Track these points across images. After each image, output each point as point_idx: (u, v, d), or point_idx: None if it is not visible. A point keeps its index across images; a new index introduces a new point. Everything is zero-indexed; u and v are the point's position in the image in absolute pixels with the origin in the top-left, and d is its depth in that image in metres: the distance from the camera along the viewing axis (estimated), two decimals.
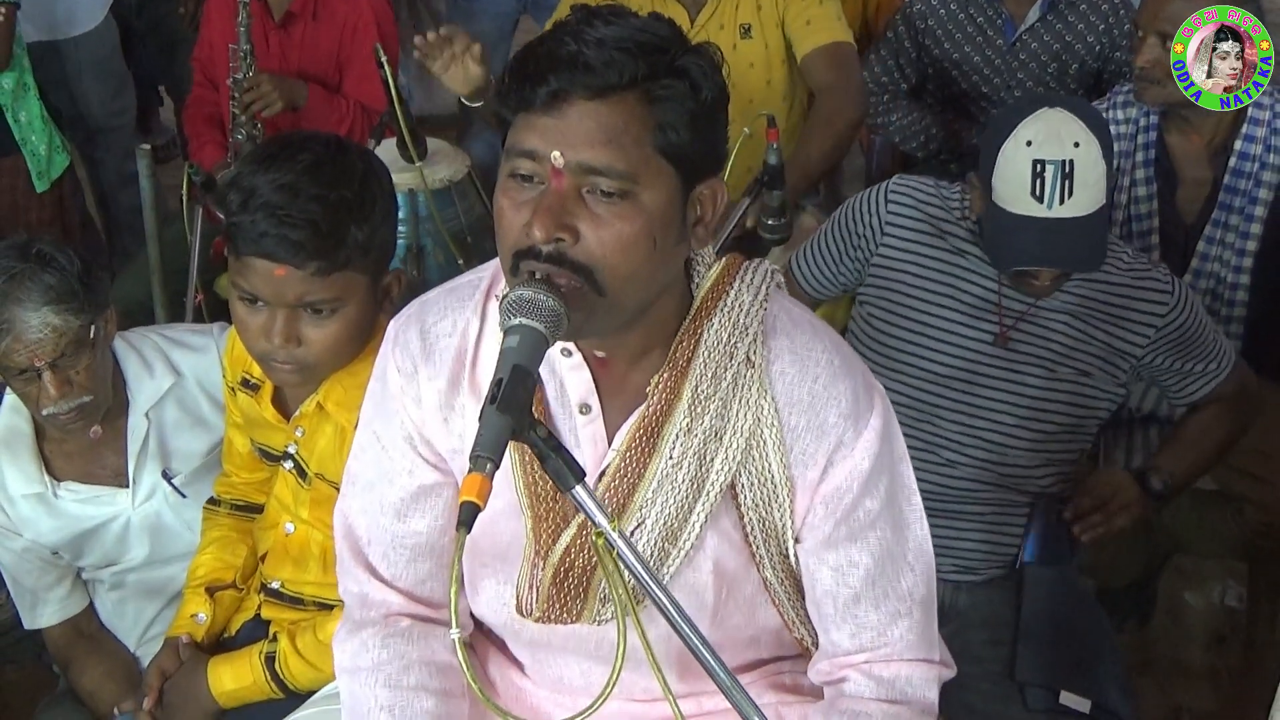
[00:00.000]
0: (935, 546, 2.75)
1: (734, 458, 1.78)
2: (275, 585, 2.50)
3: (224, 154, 3.99)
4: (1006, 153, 2.62)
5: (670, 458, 1.77)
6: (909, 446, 1.95)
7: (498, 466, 1.51)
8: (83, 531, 2.66)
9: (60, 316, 2.40)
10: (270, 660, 2.38)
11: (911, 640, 1.89)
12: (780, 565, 1.88)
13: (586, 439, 1.82)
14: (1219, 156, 3.23)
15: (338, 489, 2.25)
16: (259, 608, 2.54)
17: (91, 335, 2.47)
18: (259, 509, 2.62)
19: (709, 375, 1.76)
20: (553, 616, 1.87)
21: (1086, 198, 2.58)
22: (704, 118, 1.64)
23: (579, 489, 1.58)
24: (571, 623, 1.88)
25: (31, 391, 2.47)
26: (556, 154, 1.59)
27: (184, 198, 3.66)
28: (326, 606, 2.42)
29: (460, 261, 3.48)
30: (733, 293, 1.78)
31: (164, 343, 2.71)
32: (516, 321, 1.59)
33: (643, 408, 1.79)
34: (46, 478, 2.63)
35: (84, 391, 2.48)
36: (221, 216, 3.45)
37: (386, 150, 3.42)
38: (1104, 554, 3.26)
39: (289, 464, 2.45)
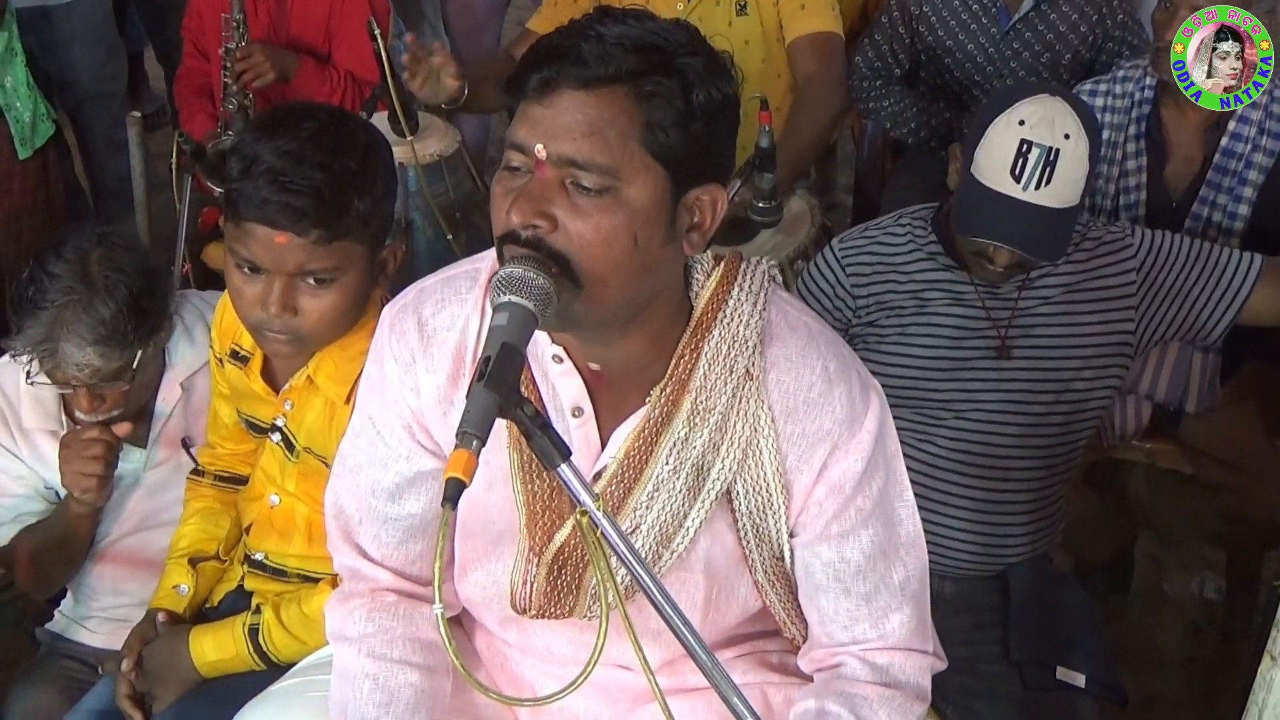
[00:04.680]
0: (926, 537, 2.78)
1: (730, 468, 1.80)
2: (259, 557, 2.50)
3: (214, 124, 3.98)
4: (997, 126, 2.63)
5: (667, 464, 1.80)
6: (905, 454, 1.97)
7: (484, 443, 1.51)
8: None
9: (102, 358, 2.41)
10: (254, 632, 2.38)
11: (904, 634, 1.92)
12: (773, 568, 1.91)
13: (579, 441, 1.83)
14: (1212, 134, 3.24)
15: (325, 463, 2.29)
16: (242, 579, 2.54)
17: (135, 363, 2.48)
18: (243, 480, 2.62)
19: (709, 387, 1.78)
20: (546, 613, 1.90)
21: (1062, 191, 2.59)
22: (700, 121, 1.63)
23: (565, 467, 1.58)
24: (564, 618, 1.90)
25: (67, 394, 2.53)
26: (539, 146, 1.60)
27: (173, 167, 3.66)
28: (310, 579, 2.43)
29: (449, 236, 3.48)
30: (732, 301, 1.79)
31: (207, 310, 2.69)
32: (505, 299, 1.59)
33: (642, 415, 1.80)
34: (64, 419, 2.64)
35: (117, 406, 2.53)
36: (211, 186, 3.49)
37: (378, 123, 3.42)
38: (1082, 531, 3.31)
39: (276, 437, 2.44)
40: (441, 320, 1.86)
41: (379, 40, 3.41)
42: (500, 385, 1.54)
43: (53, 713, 2.60)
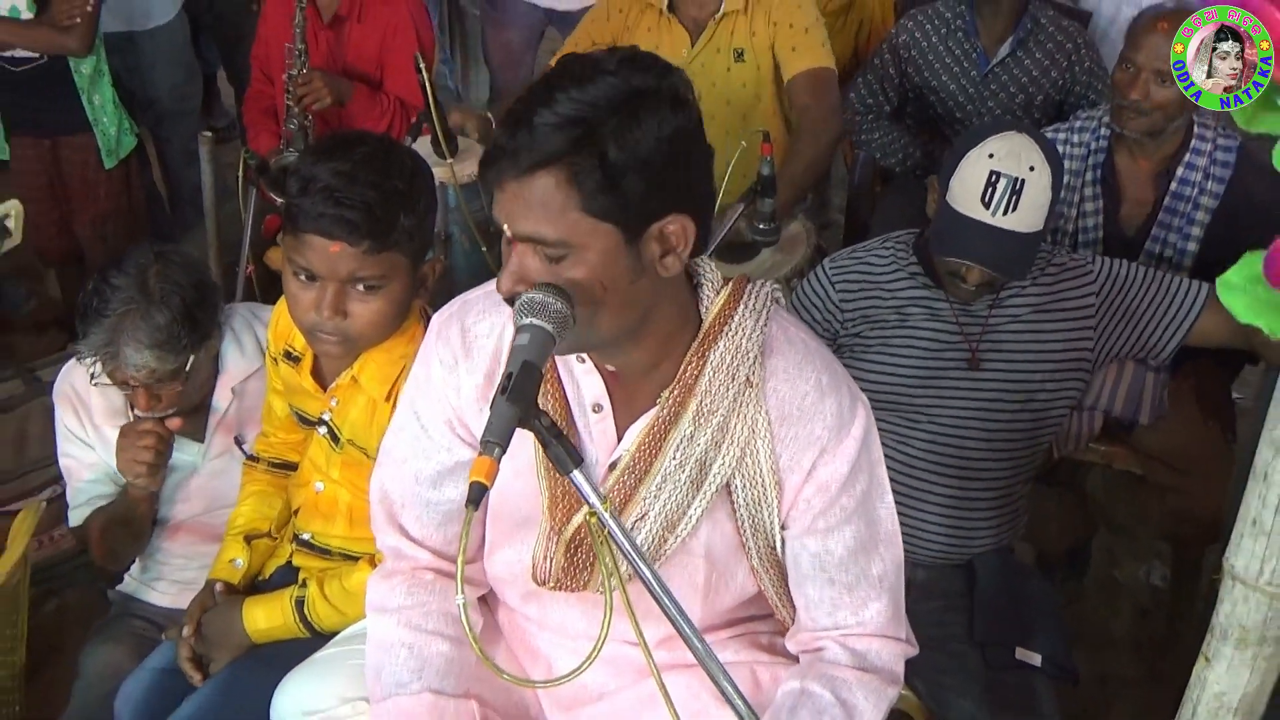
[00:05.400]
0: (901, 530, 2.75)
1: (730, 464, 1.80)
2: (306, 537, 2.50)
3: (277, 142, 3.96)
4: (970, 159, 2.62)
5: (674, 459, 1.79)
6: (884, 451, 1.95)
7: (505, 451, 1.52)
8: None
9: (159, 360, 2.43)
10: (300, 604, 2.37)
11: (881, 622, 1.91)
12: (767, 555, 1.90)
13: (598, 434, 1.84)
14: (1162, 179, 3.22)
15: (367, 454, 2.29)
16: (291, 555, 2.54)
17: (187, 367, 2.48)
18: (294, 467, 2.62)
19: (713, 392, 1.77)
20: (564, 585, 1.89)
21: (1027, 217, 2.57)
22: (630, 173, 1.60)
23: (576, 473, 1.59)
24: (579, 590, 1.90)
25: (126, 392, 2.53)
26: (506, 227, 1.64)
27: (240, 179, 3.66)
28: (351, 558, 2.42)
29: (484, 249, 3.47)
30: (737, 317, 1.79)
31: (254, 321, 2.70)
32: (528, 321, 1.60)
33: (653, 413, 1.80)
34: (130, 413, 2.63)
35: (171, 405, 2.53)
36: (273, 196, 3.48)
37: (421, 146, 3.41)
38: (1044, 525, 3.31)
39: (323, 429, 2.43)
40: (481, 328, 1.88)
41: (424, 73, 3.41)
42: (520, 399, 1.54)
43: (121, 667, 2.59)
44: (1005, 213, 2.56)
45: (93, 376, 2.51)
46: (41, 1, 3.91)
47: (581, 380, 1.83)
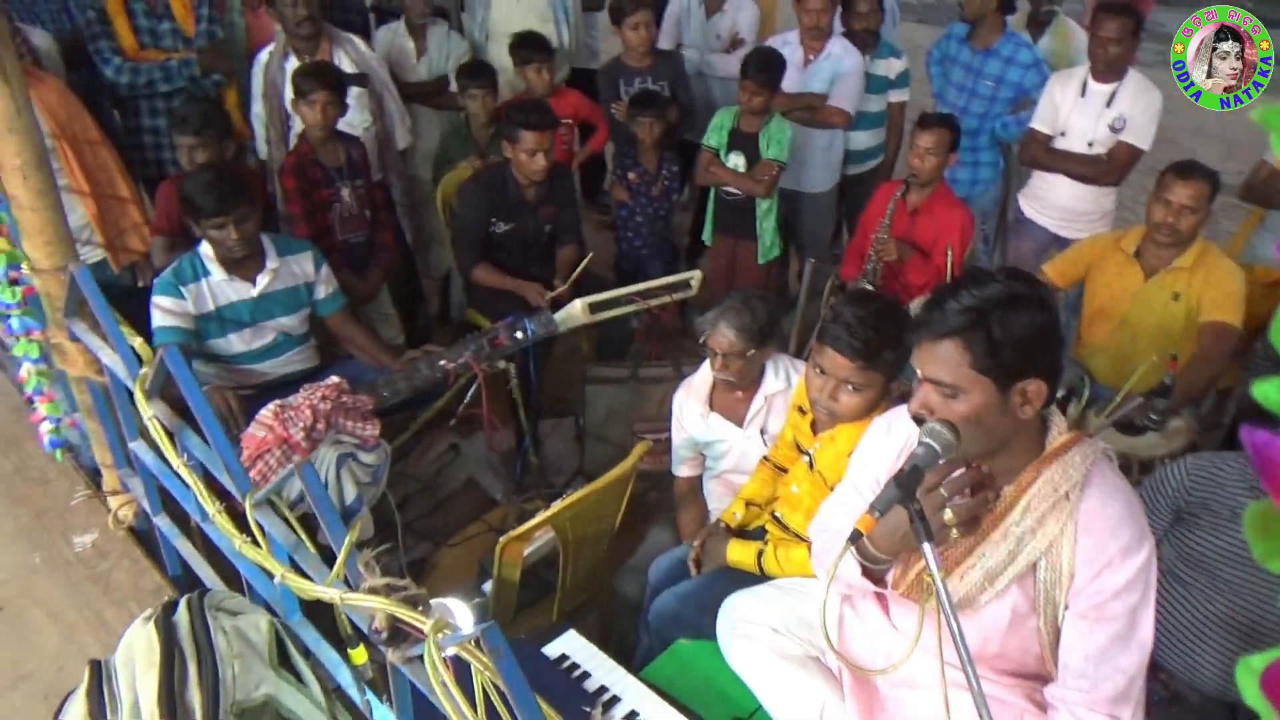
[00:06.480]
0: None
1: (1039, 549, 1.63)
2: (778, 515, 2.51)
3: (857, 274, 3.97)
4: None
5: (1002, 534, 1.64)
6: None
7: (883, 515, 1.46)
8: (711, 441, 2.77)
9: (735, 338, 2.53)
10: (760, 555, 2.39)
11: (1111, 698, 1.64)
12: (1050, 623, 1.69)
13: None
14: None
15: (826, 483, 2.26)
16: (765, 523, 2.55)
17: (748, 355, 2.56)
18: (785, 470, 2.62)
19: (1039, 496, 1.61)
20: (909, 594, 1.79)
21: None
22: (1007, 348, 1.50)
23: (926, 545, 1.48)
24: (915, 601, 1.79)
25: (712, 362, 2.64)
26: (919, 372, 1.58)
27: (827, 290, 3.70)
28: (800, 539, 2.41)
29: None
30: (1069, 454, 1.62)
31: (791, 368, 2.74)
32: (927, 440, 1.53)
33: (1000, 503, 1.67)
34: (705, 407, 2.76)
35: (731, 375, 2.61)
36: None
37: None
38: None
39: (806, 458, 2.43)
40: (899, 426, 1.83)
41: (950, 256, 3.28)
42: (904, 487, 1.47)
43: (665, 545, 2.73)
44: None
45: (699, 338, 2.64)
46: (750, 162, 4.14)
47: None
